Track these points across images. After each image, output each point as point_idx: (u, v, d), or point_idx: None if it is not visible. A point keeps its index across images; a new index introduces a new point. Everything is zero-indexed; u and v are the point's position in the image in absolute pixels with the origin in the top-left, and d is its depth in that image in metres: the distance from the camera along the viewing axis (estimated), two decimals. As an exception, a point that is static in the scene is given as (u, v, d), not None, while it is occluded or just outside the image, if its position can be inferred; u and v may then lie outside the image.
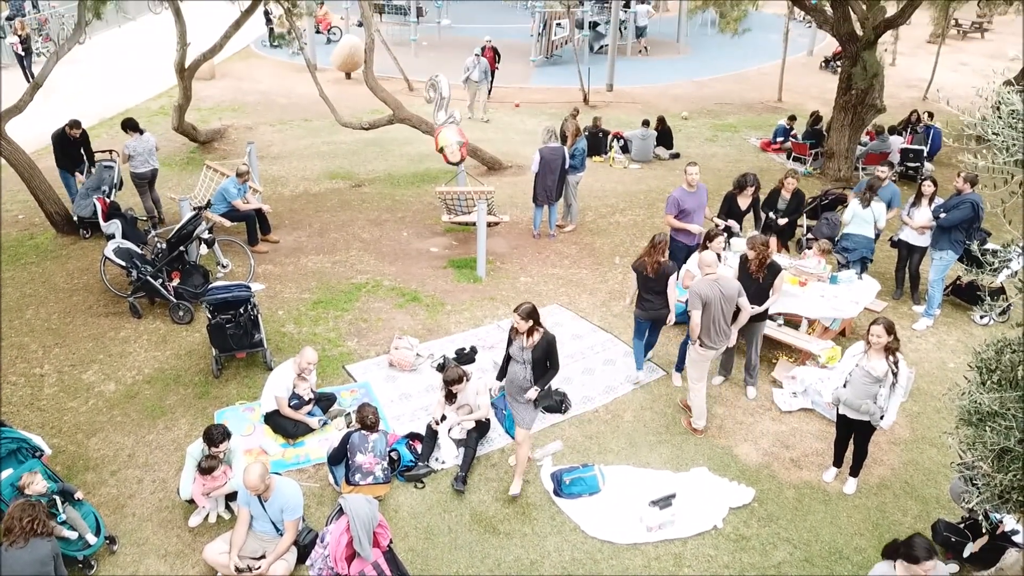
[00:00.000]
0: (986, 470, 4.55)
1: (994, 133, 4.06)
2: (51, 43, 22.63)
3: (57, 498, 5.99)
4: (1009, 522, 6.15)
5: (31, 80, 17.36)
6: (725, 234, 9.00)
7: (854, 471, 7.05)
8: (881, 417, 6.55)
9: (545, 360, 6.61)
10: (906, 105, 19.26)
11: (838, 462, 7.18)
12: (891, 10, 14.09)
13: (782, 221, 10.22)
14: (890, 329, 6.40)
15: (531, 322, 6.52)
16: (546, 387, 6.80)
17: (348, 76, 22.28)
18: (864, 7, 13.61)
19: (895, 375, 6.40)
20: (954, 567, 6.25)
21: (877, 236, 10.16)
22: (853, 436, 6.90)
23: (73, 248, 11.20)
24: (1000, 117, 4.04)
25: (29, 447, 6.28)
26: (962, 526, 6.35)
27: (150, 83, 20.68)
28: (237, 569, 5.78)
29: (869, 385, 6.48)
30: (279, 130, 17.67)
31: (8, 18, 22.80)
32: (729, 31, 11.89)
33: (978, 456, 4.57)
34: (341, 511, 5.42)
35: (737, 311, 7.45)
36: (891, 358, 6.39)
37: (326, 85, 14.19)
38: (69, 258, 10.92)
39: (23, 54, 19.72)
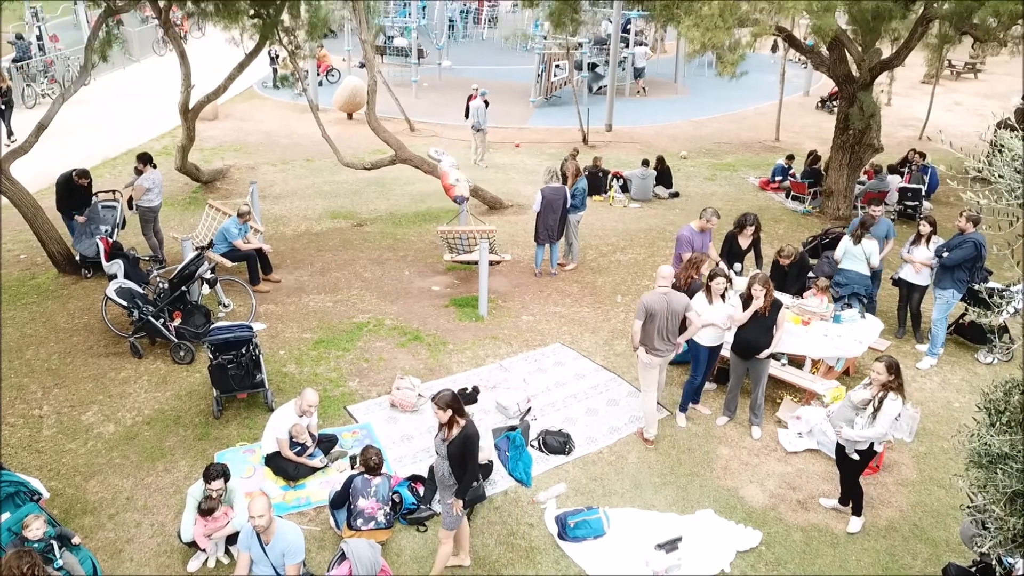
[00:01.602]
0: (999, 514, 4.49)
1: (999, 176, 4.10)
2: (56, 84, 22.92)
3: (55, 543, 5.89)
4: (1021, 566, 6.06)
5: (11, 133, 17.35)
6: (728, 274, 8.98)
7: (855, 510, 7.02)
8: (861, 452, 6.67)
9: (462, 458, 5.84)
10: (903, 144, 19.45)
11: (844, 500, 7.15)
12: (886, 52, 14.28)
13: (789, 299, 10.00)
14: (891, 368, 6.50)
15: (450, 412, 5.81)
16: (472, 494, 6.18)
17: (350, 116, 22.51)
18: (860, 49, 13.79)
19: (876, 410, 6.46)
20: (966, 612, 6.14)
21: (877, 274, 10.16)
22: (842, 468, 6.96)
23: (74, 288, 11.20)
24: (1004, 161, 4.09)
25: (27, 491, 6.20)
26: (974, 570, 6.25)
27: (153, 124, 20.86)
28: None
29: (847, 410, 6.67)
30: (281, 170, 17.79)
31: (14, 60, 23.09)
32: (727, 74, 12.01)
33: (990, 499, 4.52)
34: (343, 556, 5.33)
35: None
36: (880, 394, 6.46)
37: (328, 125, 14.34)
38: (70, 298, 10.90)
39: (3, 108, 18.58)
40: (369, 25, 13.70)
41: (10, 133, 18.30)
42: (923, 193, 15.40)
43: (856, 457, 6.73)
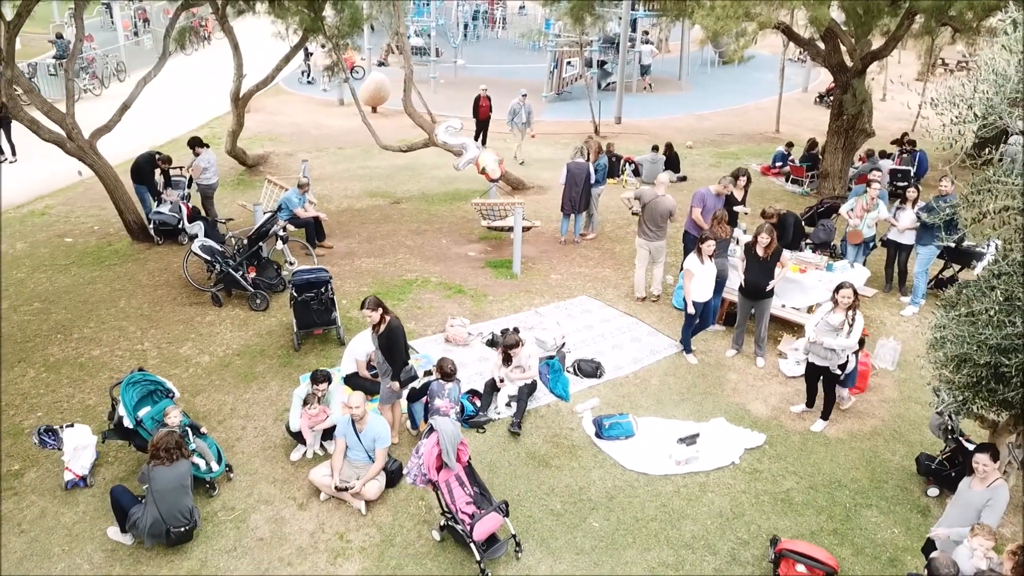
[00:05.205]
0: (948, 376, 5.84)
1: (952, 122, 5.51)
2: (97, 80, 24.30)
3: (189, 430, 7.22)
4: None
5: (13, 151, 16.71)
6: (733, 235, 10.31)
7: (824, 414, 8.41)
8: (840, 367, 7.97)
9: (389, 345, 7.23)
10: (896, 136, 20.76)
11: (810, 403, 8.61)
12: (876, 43, 15.62)
13: (788, 254, 11.33)
14: (854, 291, 7.94)
15: (380, 311, 7.22)
16: (404, 376, 7.48)
17: (374, 110, 23.84)
18: (852, 40, 15.13)
19: (851, 326, 7.86)
20: (935, 491, 7.46)
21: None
22: (822, 381, 8.30)
23: (150, 253, 12.53)
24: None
25: (163, 389, 7.54)
26: (940, 458, 7.57)
27: (193, 115, 22.24)
28: (337, 488, 7.00)
29: (828, 333, 7.97)
30: (316, 156, 19.11)
31: (56, 57, 24.46)
32: (735, 60, 13.38)
33: (940, 364, 5.87)
34: (432, 430, 6.62)
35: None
36: (850, 313, 7.87)
37: (354, 119, 15.67)
38: (147, 260, 12.23)
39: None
40: (400, 20, 15.07)
41: (13, 151, 17.04)
42: (912, 175, 16.73)
43: (839, 372, 8.05)
